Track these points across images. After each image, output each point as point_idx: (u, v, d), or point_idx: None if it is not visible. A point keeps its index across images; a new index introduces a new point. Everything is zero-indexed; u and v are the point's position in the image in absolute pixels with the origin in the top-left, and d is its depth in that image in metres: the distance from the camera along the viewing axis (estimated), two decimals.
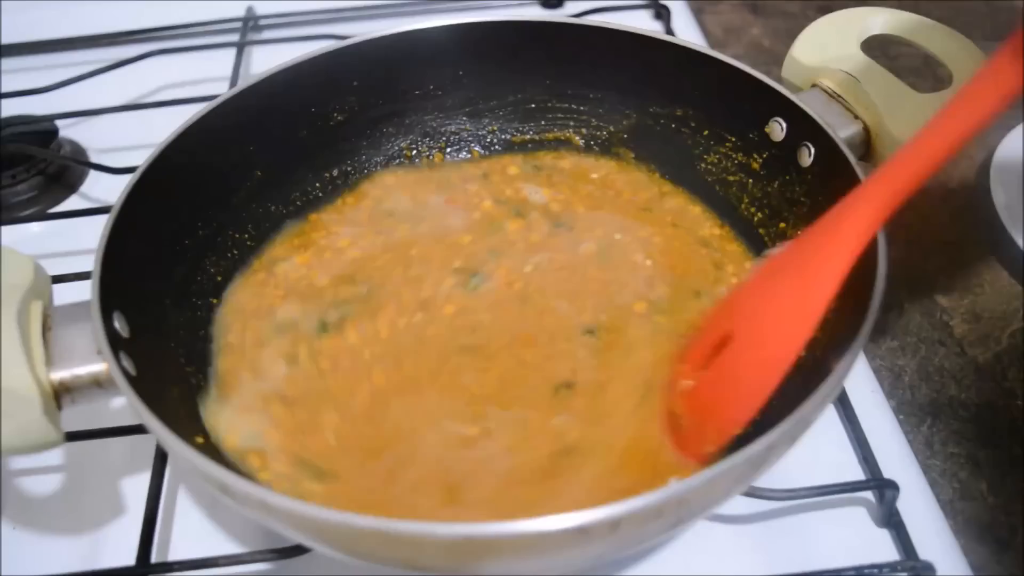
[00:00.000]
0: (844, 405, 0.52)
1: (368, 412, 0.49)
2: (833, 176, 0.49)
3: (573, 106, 0.62)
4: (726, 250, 0.57)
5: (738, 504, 0.49)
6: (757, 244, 0.56)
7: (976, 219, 0.68)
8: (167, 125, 0.52)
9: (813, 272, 0.41)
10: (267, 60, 0.71)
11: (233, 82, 0.77)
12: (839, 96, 0.53)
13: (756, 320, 0.43)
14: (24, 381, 0.39)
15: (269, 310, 0.54)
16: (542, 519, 0.34)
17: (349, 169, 0.62)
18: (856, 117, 0.53)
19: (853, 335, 0.40)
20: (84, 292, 0.43)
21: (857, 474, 0.50)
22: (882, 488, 0.48)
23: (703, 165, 0.59)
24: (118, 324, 0.44)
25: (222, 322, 0.54)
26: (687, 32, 0.83)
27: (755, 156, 0.56)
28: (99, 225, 0.46)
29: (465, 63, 0.61)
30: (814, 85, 0.55)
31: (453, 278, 0.55)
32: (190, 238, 0.54)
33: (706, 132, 0.58)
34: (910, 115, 0.51)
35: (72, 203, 0.71)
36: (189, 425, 0.46)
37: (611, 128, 0.62)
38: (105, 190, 0.72)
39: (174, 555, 0.48)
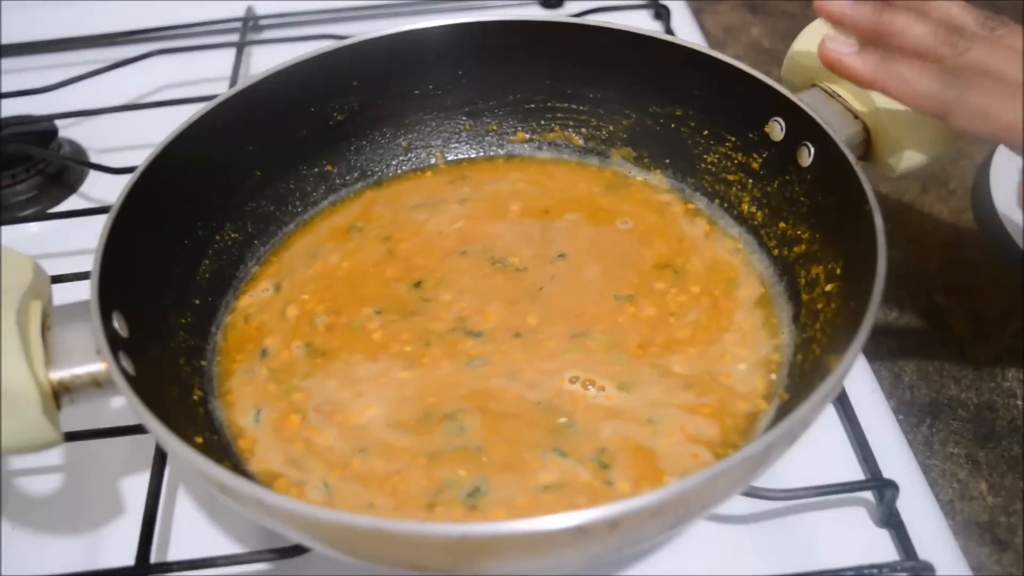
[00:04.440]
0: (844, 405, 0.52)
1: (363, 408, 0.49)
2: (833, 176, 0.49)
3: (573, 106, 0.62)
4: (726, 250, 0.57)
5: (738, 504, 0.49)
6: (758, 244, 0.56)
7: (976, 219, 0.68)
8: (167, 125, 0.52)
9: None
10: (267, 60, 0.71)
11: (233, 82, 0.77)
12: (839, 96, 0.53)
13: None
14: (23, 381, 0.39)
15: (299, 376, 0.52)
16: (541, 519, 0.34)
17: (349, 169, 0.62)
18: (856, 117, 0.53)
19: (853, 335, 0.40)
20: (83, 292, 0.43)
21: (857, 474, 0.50)
22: (882, 488, 0.48)
23: (703, 165, 0.59)
24: (117, 324, 0.44)
25: (222, 322, 0.54)
26: (687, 32, 0.83)
27: (755, 156, 0.56)
28: (99, 225, 0.46)
29: (465, 63, 0.61)
30: (814, 85, 0.55)
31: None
32: (189, 238, 0.54)
33: (706, 132, 0.58)
34: (910, 115, 0.51)
35: (72, 203, 0.71)
36: (189, 425, 0.46)
37: (611, 128, 0.62)
38: (105, 190, 0.72)
39: (173, 555, 0.48)
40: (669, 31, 0.81)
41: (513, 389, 0.49)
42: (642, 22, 0.83)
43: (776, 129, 0.54)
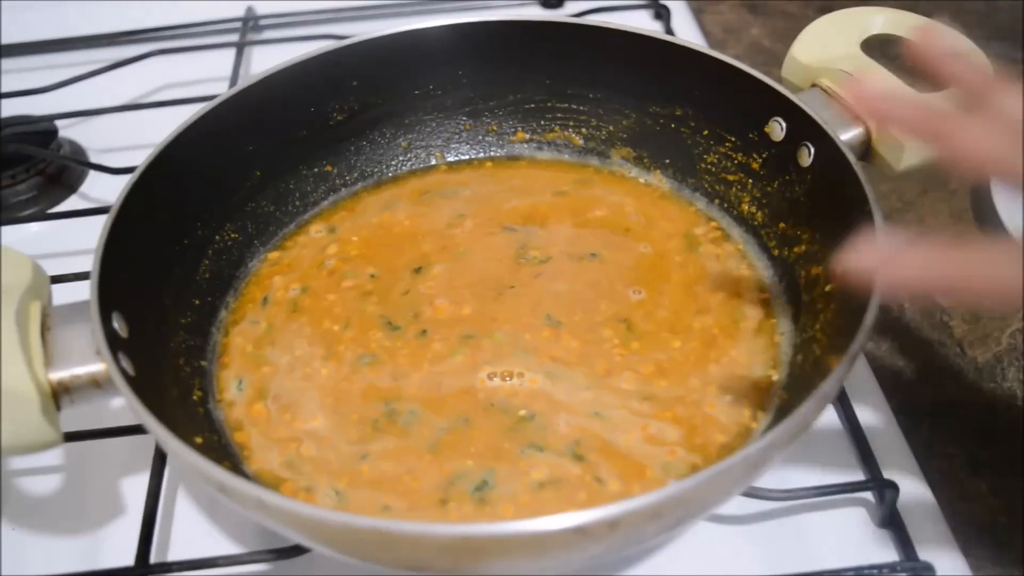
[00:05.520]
0: (844, 405, 0.52)
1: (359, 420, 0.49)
2: (833, 176, 0.49)
3: (573, 106, 0.62)
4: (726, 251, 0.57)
5: (738, 504, 0.49)
6: (758, 244, 0.56)
7: (976, 219, 0.68)
8: (167, 125, 0.52)
9: None
10: (267, 60, 0.71)
11: (233, 82, 0.77)
12: (839, 96, 0.53)
13: None
14: (23, 381, 0.39)
15: (271, 345, 0.53)
16: (541, 519, 0.34)
17: (349, 169, 0.62)
18: (856, 117, 0.53)
19: (853, 335, 0.40)
20: (83, 292, 0.43)
21: (857, 474, 0.50)
22: (882, 488, 0.48)
23: (703, 165, 0.59)
24: (117, 324, 0.44)
25: (221, 322, 0.54)
26: (687, 32, 0.83)
27: (755, 156, 0.56)
28: (98, 225, 0.46)
29: (465, 63, 0.61)
30: (814, 85, 0.55)
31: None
32: (189, 238, 0.54)
33: (706, 132, 0.58)
34: None
35: (72, 203, 0.71)
36: (188, 425, 0.46)
37: (610, 128, 0.62)
38: (105, 190, 0.72)
39: (173, 555, 0.48)
40: (669, 31, 0.81)
41: (409, 388, 0.50)
42: (642, 22, 0.83)
43: (776, 129, 0.54)
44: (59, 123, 0.75)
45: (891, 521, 0.48)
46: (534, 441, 0.47)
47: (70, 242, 0.62)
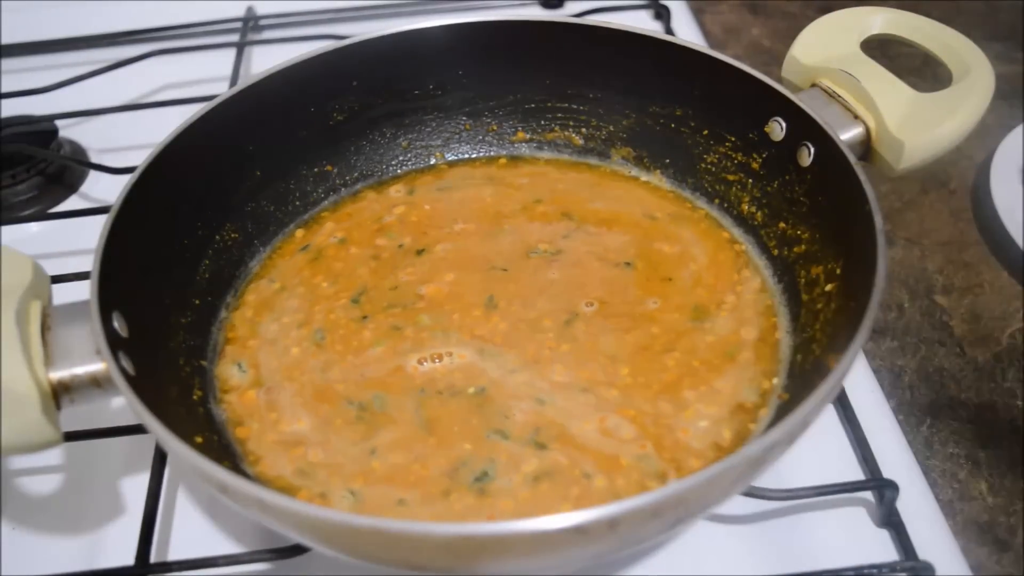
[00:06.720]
0: (844, 405, 0.52)
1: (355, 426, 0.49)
2: (833, 176, 0.49)
3: (573, 106, 0.62)
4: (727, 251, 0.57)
5: (738, 504, 0.49)
6: (757, 244, 0.56)
7: (976, 219, 0.68)
8: (167, 125, 0.52)
9: None
10: (267, 60, 0.71)
11: (233, 82, 0.77)
12: (839, 96, 0.53)
13: None
14: (23, 381, 0.39)
15: (269, 310, 0.54)
16: (540, 519, 0.34)
17: (349, 169, 0.62)
18: (856, 117, 0.53)
19: (853, 335, 0.40)
20: (83, 292, 0.43)
21: (857, 474, 0.50)
22: (882, 488, 0.48)
23: (703, 165, 0.59)
24: (117, 324, 0.44)
25: (221, 322, 0.54)
26: (687, 32, 0.83)
27: (755, 156, 0.56)
28: (99, 225, 0.46)
29: (465, 63, 0.61)
30: (814, 85, 0.55)
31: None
32: (189, 238, 0.54)
33: (706, 132, 0.59)
34: (910, 115, 0.51)
35: (72, 203, 0.71)
36: (188, 425, 0.46)
37: (611, 128, 0.62)
38: (105, 190, 0.72)
39: (173, 555, 0.48)
40: (669, 31, 0.81)
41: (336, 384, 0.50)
42: (642, 22, 0.83)
43: (776, 129, 0.54)
44: (59, 123, 0.75)
45: (891, 521, 0.48)
46: (498, 427, 0.47)
47: (70, 242, 0.62)
